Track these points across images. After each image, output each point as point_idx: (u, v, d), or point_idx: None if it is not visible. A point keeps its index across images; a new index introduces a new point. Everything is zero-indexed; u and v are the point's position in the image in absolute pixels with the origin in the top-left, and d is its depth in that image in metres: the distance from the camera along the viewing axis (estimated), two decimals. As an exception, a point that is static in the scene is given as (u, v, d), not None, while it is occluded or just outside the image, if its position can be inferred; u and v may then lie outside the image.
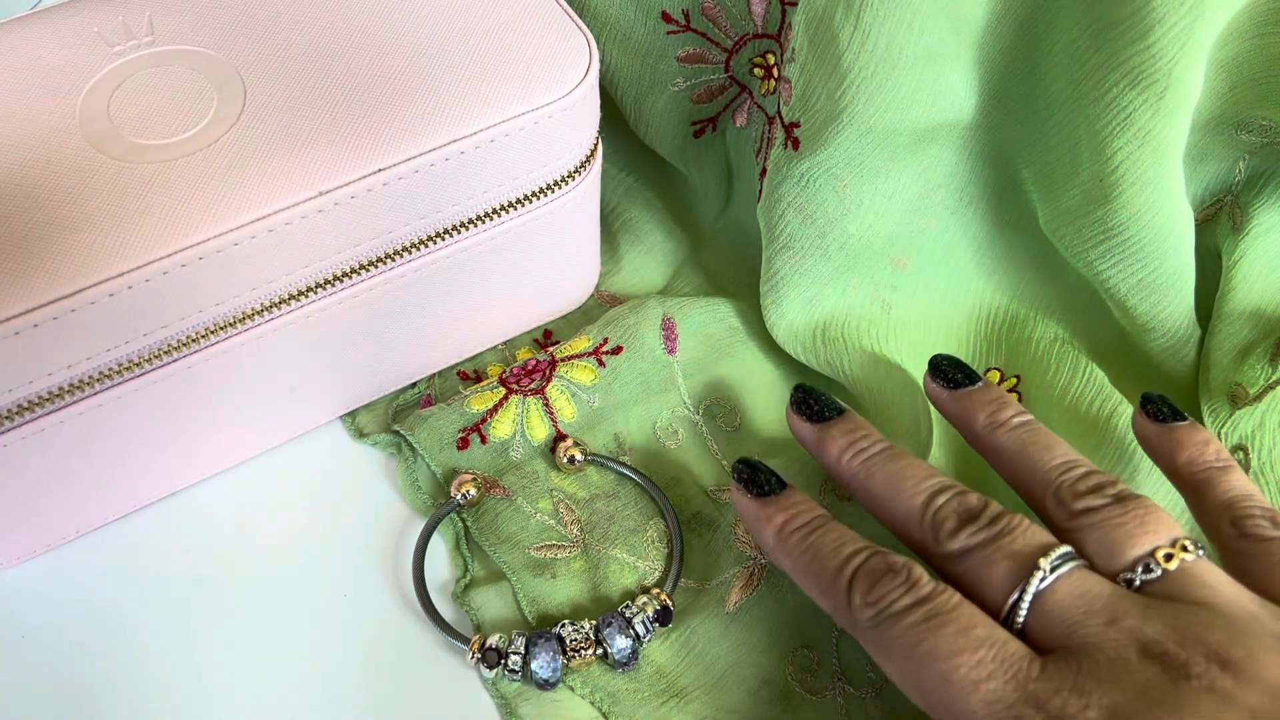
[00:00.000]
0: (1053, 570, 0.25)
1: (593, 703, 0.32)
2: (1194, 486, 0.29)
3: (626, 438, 0.37)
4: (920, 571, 0.26)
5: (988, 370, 0.38)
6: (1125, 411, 0.34)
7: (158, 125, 0.31)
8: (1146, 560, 0.25)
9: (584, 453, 0.35)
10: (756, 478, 0.30)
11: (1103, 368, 0.36)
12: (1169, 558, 0.25)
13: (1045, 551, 0.26)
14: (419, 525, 0.35)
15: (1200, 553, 0.26)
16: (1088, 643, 0.24)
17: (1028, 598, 0.25)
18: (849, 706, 0.31)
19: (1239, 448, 0.33)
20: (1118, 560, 0.26)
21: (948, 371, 0.32)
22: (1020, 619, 0.25)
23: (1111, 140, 0.32)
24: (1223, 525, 0.28)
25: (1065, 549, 0.26)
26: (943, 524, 0.27)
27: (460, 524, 0.35)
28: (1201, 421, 0.35)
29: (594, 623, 0.32)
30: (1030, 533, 0.26)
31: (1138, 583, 0.25)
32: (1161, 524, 0.26)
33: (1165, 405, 0.31)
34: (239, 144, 0.31)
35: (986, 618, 0.25)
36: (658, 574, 0.34)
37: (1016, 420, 0.30)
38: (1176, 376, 0.37)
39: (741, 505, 0.31)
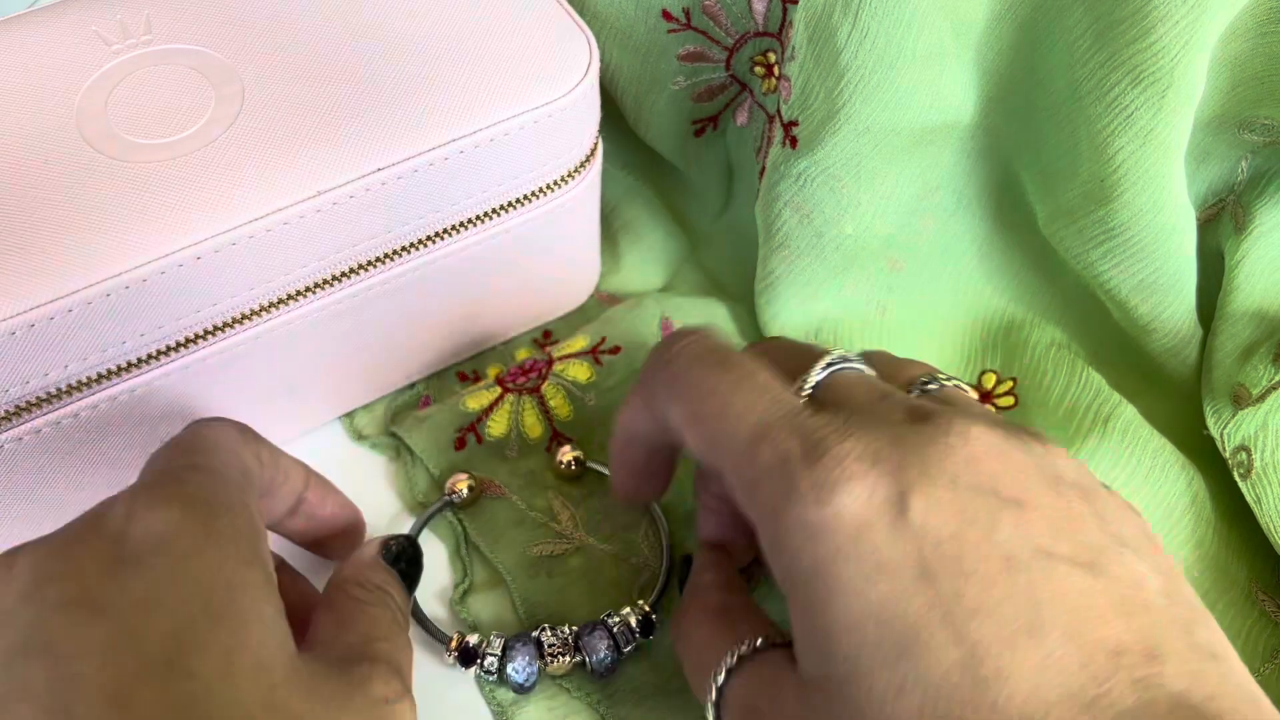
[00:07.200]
0: (840, 363, 0.27)
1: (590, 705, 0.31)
2: None
3: (625, 438, 0.37)
4: (717, 330, 0.29)
5: (983, 372, 0.38)
6: (1123, 414, 0.34)
7: (156, 124, 0.31)
8: (925, 380, 0.28)
9: (579, 461, 0.35)
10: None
11: (1103, 370, 0.36)
12: (949, 379, 0.28)
13: (836, 353, 0.28)
14: (418, 525, 0.35)
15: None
16: (858, 405, 0.26)
17: (815, 374, 0.27)
18: None
19: (1241, 449, 0.33)
20: (896, 378, 0.28)
21: None
22: (806, 389, 0.27)
23: (1113, 139, 0.31)
24: None
25: (859, 357, 0.28)
26: None
27: (460, 528, 0.35)
28: (1204, 423, 0.35)
29: (574, 629, 0.32)
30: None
31: (916, 393, 0.27)
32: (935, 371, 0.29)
33: None
34: (237, 143, 0.30)
35: (773, 376, 0.26)
36: (653, 573, 0.34)
37: None
38: (1178, 377, 0.37)
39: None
